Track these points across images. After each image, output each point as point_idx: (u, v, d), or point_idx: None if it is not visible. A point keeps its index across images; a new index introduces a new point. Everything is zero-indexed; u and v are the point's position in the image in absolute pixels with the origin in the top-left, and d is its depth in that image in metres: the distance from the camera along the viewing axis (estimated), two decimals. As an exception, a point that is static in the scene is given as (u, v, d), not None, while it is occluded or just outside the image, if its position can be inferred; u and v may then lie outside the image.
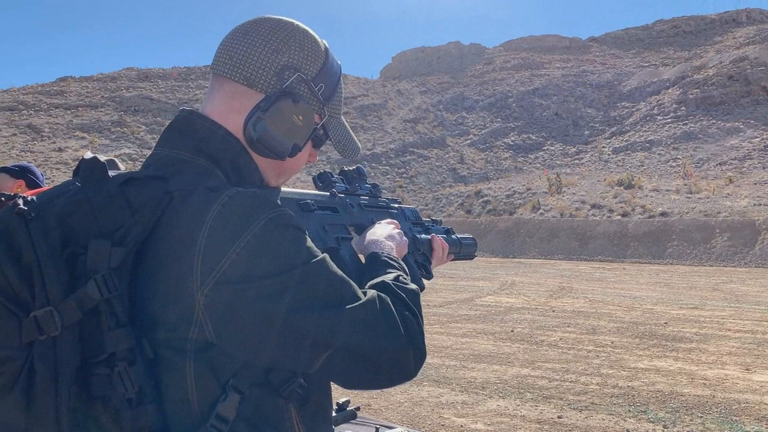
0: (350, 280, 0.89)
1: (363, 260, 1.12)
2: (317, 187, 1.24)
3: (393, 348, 0.87)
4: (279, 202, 0.88)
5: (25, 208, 0.80)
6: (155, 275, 0.82)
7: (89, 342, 0.80)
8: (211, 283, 0.79)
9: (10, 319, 0.77)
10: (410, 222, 1.44)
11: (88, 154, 0.87)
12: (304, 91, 0.97)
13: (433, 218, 1.60)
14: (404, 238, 1.22)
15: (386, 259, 1.06)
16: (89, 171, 0.86)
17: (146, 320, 0.82)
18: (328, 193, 1.21)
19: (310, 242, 0.87)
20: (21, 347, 0.77)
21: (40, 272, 0.78)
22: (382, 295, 0.90)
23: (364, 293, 0.89)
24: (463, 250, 1.65)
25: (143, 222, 0.82)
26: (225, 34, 1.00)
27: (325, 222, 1.12)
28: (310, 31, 1.00)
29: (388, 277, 0.98)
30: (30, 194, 0.85)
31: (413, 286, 0.98)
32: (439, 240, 1.46)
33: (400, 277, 0.99)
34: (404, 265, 1.08)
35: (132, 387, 0.79)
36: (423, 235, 1.44)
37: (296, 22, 1.00)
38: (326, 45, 1.02)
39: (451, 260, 1.57)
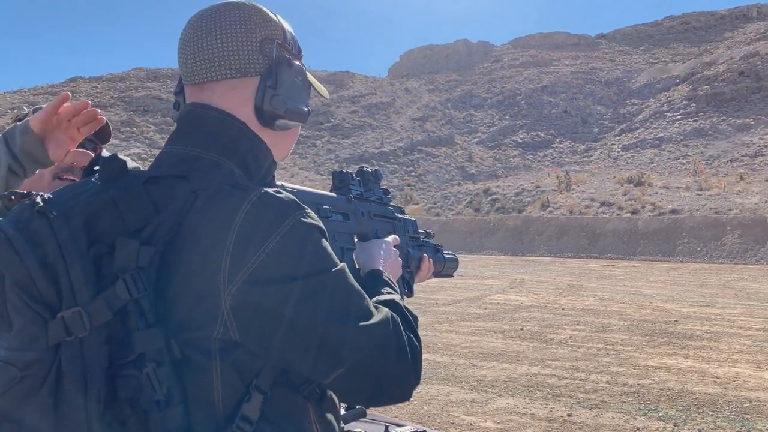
0: (364, 293, 0.89)
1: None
2: (334, 185, 1.25)
3: (398, 369, 0.87)
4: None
5: (46, 207, 0.78)
6: (181, 275, 0.81)
7: (116, 343, 0.79)
8: (238, 283, 0.79)
9: (35, 321, 0.75)
10: (408, 236, 1.46)
11: (105, 153, 0.87)
12: (287, 54, 0.98)
13: (427, 230, 1.61)
14: (399, 259, 1.23)
15: (387, 279, 1.07)
16: (109, 169, 0.84)
17: (172, 320, 0.81)
18: (344, 196, 1.22)
19: (330, 248, 0.87)
20: (48, 349, 0.75)
21: (67, 272, 0.76)
22: (395, 315, 0.90)
23: (376, 308, 0.89)
24: (444, 270, 1.68)
25: (169, 221, 0.81)
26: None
27: (335, 230, 1.13)
28: (254, 2, 0.99)
29: (396, 298, 0.99)
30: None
31: (414, 312, 0.99)
32: (428, 261, 1.49)
33: (402, 300, 1.00)
34: (398, 288, 1.09)
35: (160, 388, 0.78)
36: (415, 252, 1.47)
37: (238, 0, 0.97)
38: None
39: (431, 278, 1.60)
